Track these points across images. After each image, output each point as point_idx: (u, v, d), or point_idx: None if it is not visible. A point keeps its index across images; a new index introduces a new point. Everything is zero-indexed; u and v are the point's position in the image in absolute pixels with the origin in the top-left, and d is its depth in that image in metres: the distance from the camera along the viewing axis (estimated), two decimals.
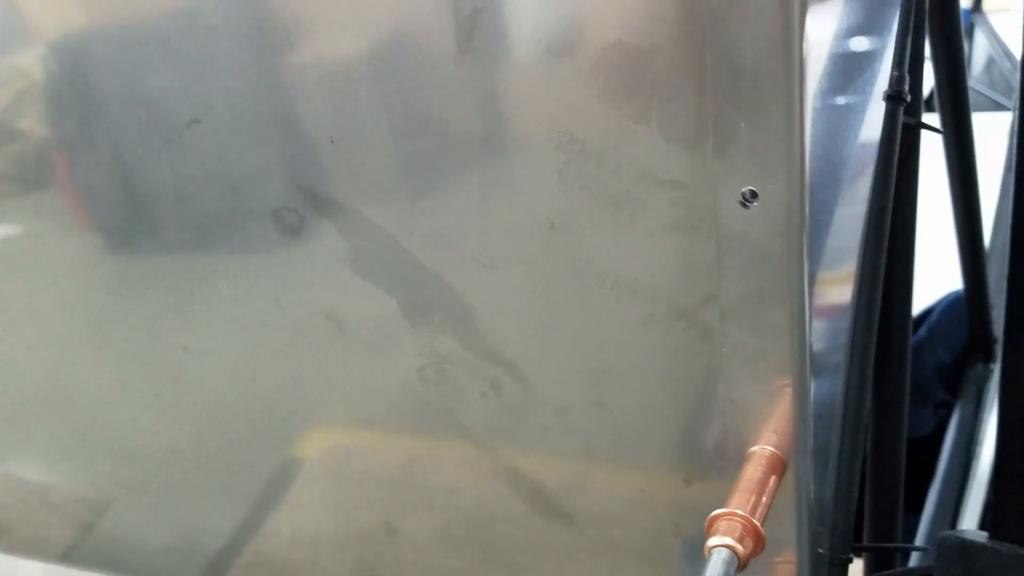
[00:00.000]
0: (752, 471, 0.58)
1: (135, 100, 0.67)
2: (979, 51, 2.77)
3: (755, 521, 0.54)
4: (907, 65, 0.71)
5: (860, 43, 0.80)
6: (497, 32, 0.58)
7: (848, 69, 0.76)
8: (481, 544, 0.76)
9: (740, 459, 0.61)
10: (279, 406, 0.76)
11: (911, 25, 0.70)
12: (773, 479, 0.58)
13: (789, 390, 0.58)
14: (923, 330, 1.43)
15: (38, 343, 0.82)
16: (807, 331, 0.56)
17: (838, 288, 0.71)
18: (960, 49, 0.93)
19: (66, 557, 0.92)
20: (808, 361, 0.57)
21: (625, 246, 0.60)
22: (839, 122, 0.73)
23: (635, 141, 0.57)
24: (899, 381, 0.88)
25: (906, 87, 0.71)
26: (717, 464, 0.63)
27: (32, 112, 0.71)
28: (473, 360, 0.68)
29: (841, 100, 0.77)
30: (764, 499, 0.57)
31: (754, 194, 0.54)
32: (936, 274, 1.51)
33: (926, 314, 1.45)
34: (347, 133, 0.64)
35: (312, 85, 0.63)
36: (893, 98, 0.70)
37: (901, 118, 0.71)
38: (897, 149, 0.72)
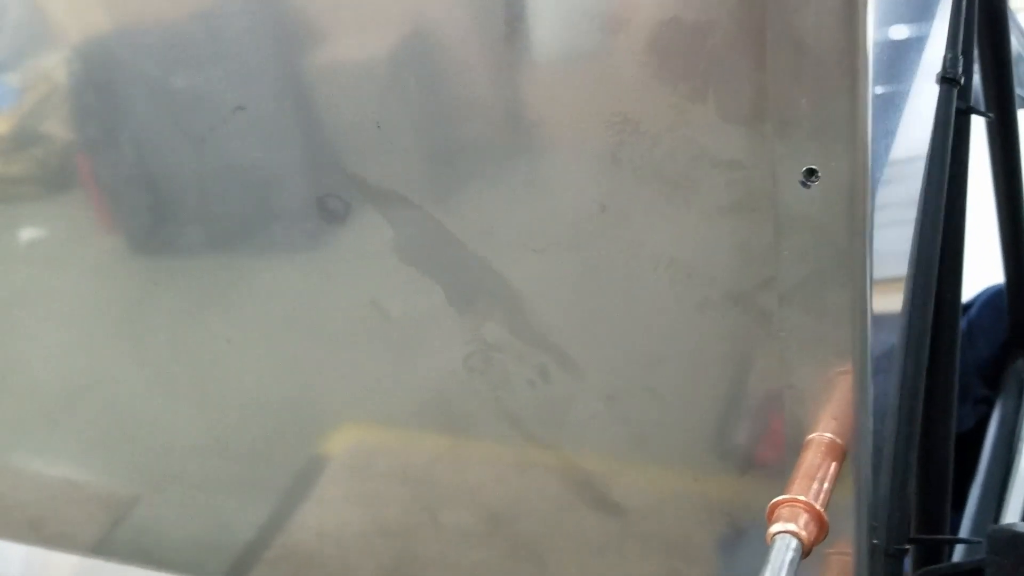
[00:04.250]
0: (812, 457, 0.57)
1: (165, 100, 0.67)
2: None
3: (818, 507, 0.53)
4: (960, 47, 0.70)
5: (900, 31, 0.78)
6: (549, 10, 0.57)
7: (889, 58, 0.75)
8: (508, 539, 0.75)
9: (798, 447, 0.59)
10: (309, 402, 0.76)
11: (964, 5, 0.69)
12: (833, 466, 0.57)
13: (849, 375, 0.57)
14: (963, 324, 1.40)
15: (66, 341, 0.82)
16: (868, 313, 0.55)
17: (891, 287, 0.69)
18: (1006, 32, 0.91)
19: (97, 549, 0.92)
20: (869, 344, 0.56)
21: (680, 229, 0.59)
22: (882, 114, 0.72)
23: (691, 121, 0.56)
24: (947, 371, 0.86)
25: (960, 68, 0.69)
26: (774, 452, 0.62)
27: (55, 115, 0.71)
28: (521, 347, 0.67)
29: (879, 90, 0.75)
30: (826, 485, 0.55)
31: (815, 173, 0.53)
32: (976, 267, 1.48)
33: (966, 308, 1.42)
34: (393, 118, 0.63)
35: (358, 70, 0.63)
36: (947, 80, 0.69)
37: (955, 101, 0.70)
38: (951, 134, 0.70)
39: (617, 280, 0.62)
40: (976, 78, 1.07)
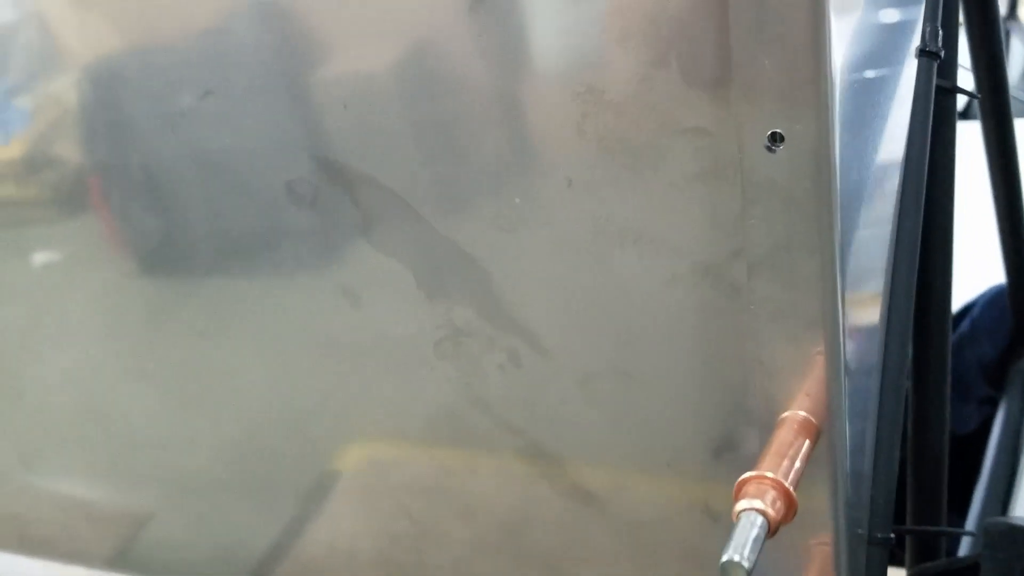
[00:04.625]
0: (784, 435, 0.55)
1: (166, 121, 0.66)
2: (1016, 58, 2.72)
3: (787, 485, 0.51)
4: (940, 19, 0.68)
5: (892, 14, 0.77)
6: None
7: (880, 42, 0.74)
8: (517, 549, 0.73)
9: (772, 426, 0.58)
10: (318, 415, 0.75)
11: None
12: (807, 444, 0.55)
13: (821, 347, 0.55)
14: (965, 324, 1.38)
15: (80, 362, 0.81)
16: (839, 283, 0.53)
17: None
18: (996, 16, 0.90)
19: (113, 564, 0.92)
20: (841, 316, 0.54)
21: (647, 200, 0.57)
22: (871, 98, 0.70)
23: (655, 88, 0.54)
24: (939, 359, 0.84)
25: (939, 42, 0.68)
26: (747, 432, 0.60)
27: (67, 138, 0.70)
28: (491, 331, 0.65)
29: (871, 74, 0.74)
30: (797, 464, 0.53)
31: (780, 137, 0.51)
32: (979, 267, 1.46)
33: (968, 308, 1.40)
34: (359, 97, 0.62)
35: (324, 54, 0.62)
36: (926, 54, 0.67)
37: (935, 76, 0.68)
38: (931, 111, 0.68)
39: (585, 257, 0.60)
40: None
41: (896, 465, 0.66)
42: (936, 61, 0.67)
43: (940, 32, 0.67)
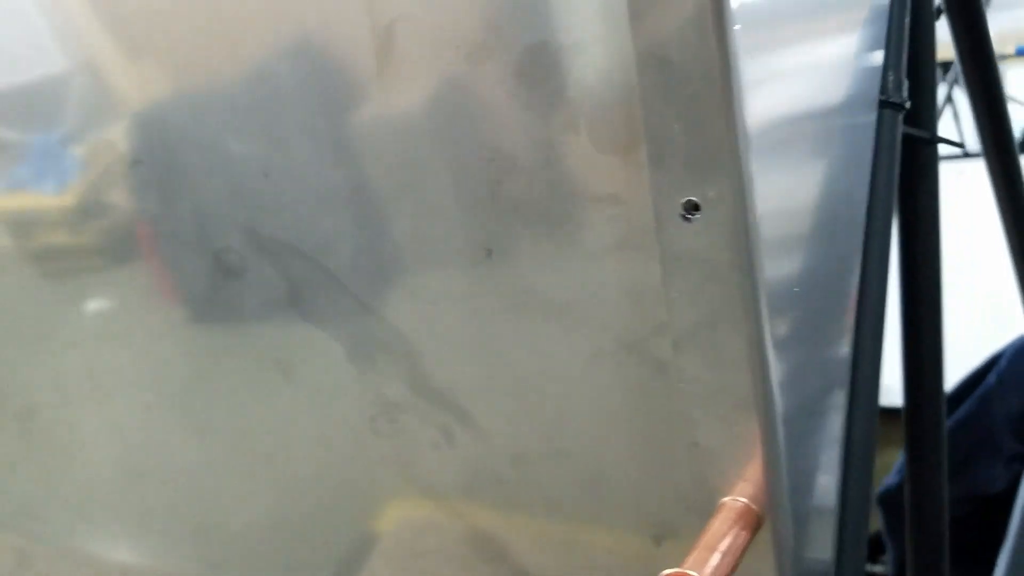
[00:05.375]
0: (717, 526, 0.51)
1: (216, 168, 0.64)
2: None
3: None
4: (904, 67, 0.63)
5: (860, 61, 0.72)
6: (416, 44, 0.53)
7: (868, 85, 0.69)
8: None
9: (711, 513, 0.53)
10: (359, 476, 0.70)
11: (905, 17, 0.63)
12: (743, 535, 0.50)
13: (756, 430, 0.50)
14: (991, 378, 1.31)
15: (130, 418, 0.78)
16: (769, 360, 0.49)
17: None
18: (988, 45, 0.83)
19: None
20: (775, 395, 0.50)
21: (566, 271, 0.53)
22: (838, 151, 0.66)
23: (566, 153, 0.51)
24: (935, 433, 0.78)
25: (904, 92, 0.63)
26: (687, 519, 0.56)
27: (119, 185, 0.69)
28: (423, 406, 0.62)
29: (863, 119, 0.69)
30: (726, 558, 0.49)
31: (695, 205, 0.47)
32: (1005, 318, 1.39)
33: (995, 360, 1.33)
34: (279, 165, 0.60)
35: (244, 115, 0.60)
36: (889, 105, 0.63)
37: (900, 128, 0.64)
38: (896, 165, 0.64)
39: (510, 331, 0.57)
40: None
41: (864, 551, 0.60)
42: (900, 112, 0.63)
43: (905, 82, 0.63)
